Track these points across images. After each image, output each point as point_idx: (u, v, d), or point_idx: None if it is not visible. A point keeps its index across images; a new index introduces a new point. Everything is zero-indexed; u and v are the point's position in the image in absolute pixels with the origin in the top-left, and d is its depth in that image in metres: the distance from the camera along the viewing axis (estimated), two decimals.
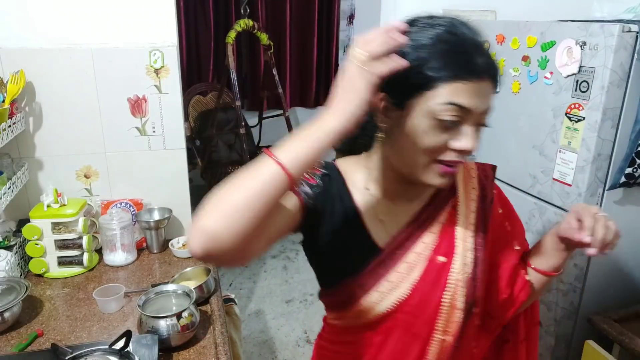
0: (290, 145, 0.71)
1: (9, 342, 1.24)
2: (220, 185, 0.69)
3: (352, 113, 0.69)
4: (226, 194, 0.68)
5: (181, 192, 1.83)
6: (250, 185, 0.67)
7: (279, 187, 0.68)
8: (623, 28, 1.35)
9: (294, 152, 0.70)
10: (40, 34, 1.59)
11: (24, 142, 1.64)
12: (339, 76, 0.72)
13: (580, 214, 0.85)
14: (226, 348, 1.22)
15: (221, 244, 0.65)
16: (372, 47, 0.69)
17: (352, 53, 0.70)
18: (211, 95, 4.23)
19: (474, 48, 0.79)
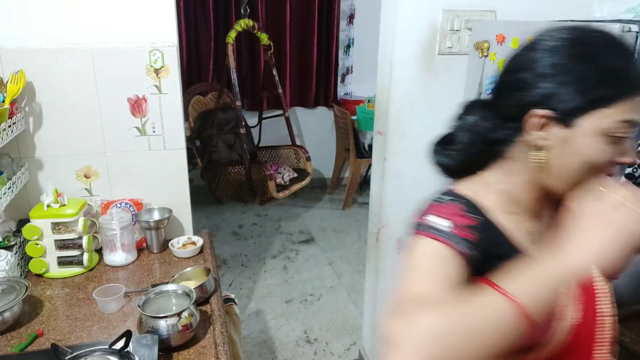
0: (531, 287, 0.63)
1: (9, 342, 1.24)
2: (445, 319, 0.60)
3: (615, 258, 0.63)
4: (459, 341, 0.59)
5: (181, 192, 1.83)
6: (489, 335, 0.60)
7: (517, 334, 0.60)
8: (623, 28, 1.35)
9: (536, 296, 0.62)
10: (40, 34, 1.59)
11: (24, 142, 1.64)
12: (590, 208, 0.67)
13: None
14: (226, 348, 1.22)
15: None
16: None
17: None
18: (211, 96, 4.23)
19: (636, 63, 0.76)
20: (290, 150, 4.29)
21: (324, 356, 2.59)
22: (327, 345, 2.66)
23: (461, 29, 2.04)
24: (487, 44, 1.85)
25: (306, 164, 4.11)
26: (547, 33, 0.79)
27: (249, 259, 3.58)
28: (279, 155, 4.35)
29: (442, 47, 2.06)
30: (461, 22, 2.02)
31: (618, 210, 0.64)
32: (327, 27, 4.62)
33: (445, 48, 2.06)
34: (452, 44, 2.06)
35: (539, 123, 0.76)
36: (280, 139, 4.51)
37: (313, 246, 3.77)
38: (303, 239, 3.89)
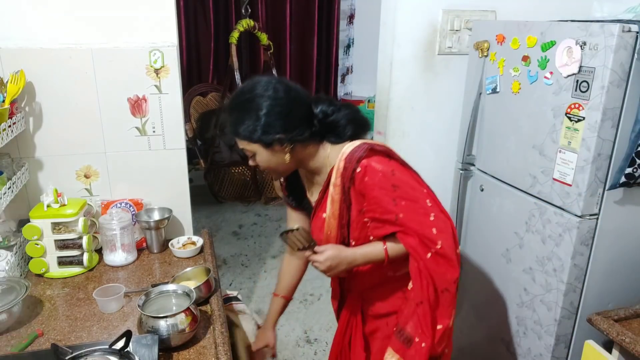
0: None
1: (9, 342, 1.24)
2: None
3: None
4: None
5: (181, 192, 1.83)
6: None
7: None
8: (623, 28, 1.35)
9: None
10: (40, 34, 1.59)
11: (24, 142, 1.64)
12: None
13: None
14: (226, 348, 1.22)
15: None
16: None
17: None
18: (211, 96, 4.23)
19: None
20: None
21: (324, 356, 2.59)
22: (327, 345, 2.66)
23: (461, 29, 2.04)
24: (487, 44, 1.85)
25: None
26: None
27: (249, 259, 3.58)
28: None
29: (442, 47, 2.06)
30: (461, 22, 2.02)
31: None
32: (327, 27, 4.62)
33: (445, 48, 2.06)
34: (452, 44, 2.06)
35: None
36: None
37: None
38: None
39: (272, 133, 1.26)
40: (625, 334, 1.41)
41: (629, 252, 1.63)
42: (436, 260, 1.28)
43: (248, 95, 1.27)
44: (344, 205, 1.32)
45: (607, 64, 1.38)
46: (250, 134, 1.26)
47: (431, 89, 2.10)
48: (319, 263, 1.29)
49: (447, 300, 1.31)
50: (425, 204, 1.29)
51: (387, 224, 1.29)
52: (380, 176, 1.26)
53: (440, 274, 1.29)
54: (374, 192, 1.27)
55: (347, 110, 1.35)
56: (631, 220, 1.59)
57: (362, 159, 1.27)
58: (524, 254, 1.75)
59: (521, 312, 1.79)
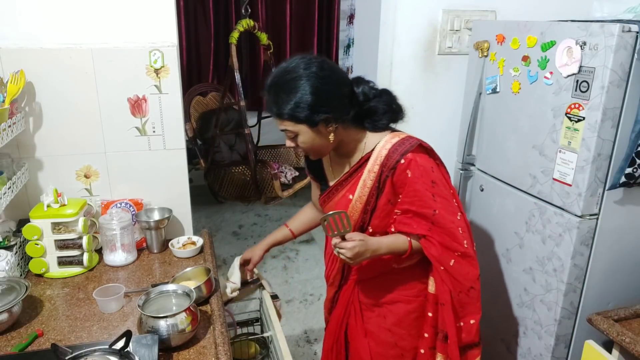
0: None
1: (9, 342, 1.24)
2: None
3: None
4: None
5: (181, 192, 1.83)
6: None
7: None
8: (623, 28, 1.35)
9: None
10: (40, 34, 1.59)
11: (24, 142, 1.64)
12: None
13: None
14: (226, 348, 1.22)
15: None
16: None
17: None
18: (211, 96, 4.22)
19: (265, 92, 1.32)
20: (290, 149, 4.30)
21: None
22: None
23: (461, 29, 2.04)
24: (487, 44, 1.85)
25: None
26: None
27: None
28: (279, 154, 4.35)
29: (442, 47, 2.06)
30: (461, 22, 2.02)
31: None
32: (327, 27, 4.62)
33: (445, 48, 2.06)
34: (452, 44, 2.06)
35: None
36: (279, 138, 4.50)
37: (313, 246, 3.76)
38: (303, 239, 3.88)
39: (320, 112, 1.25)
40: (625, 334, 1.41)
41: (629, 252, 1.63)
42: (459, 263, 1.36)
43: (293, 75, 1.25)
44: (374, 192, 1.35)
45: (607, 64, 1.38)
46: (297, 114, 1.24)
47: (431, 89, 2.10)
48: (347, 250, 1.27)
49: (474, 297, 1.39)
50: (453, 203, 1.36)
51: (422, 218, 1.33)
52: (422, 171, 1.31)
53: (464, 274, 1.37)
54: (416, 186, 1.31)
55: (386, 96, 1.38)
56: (631, 220, 1.59)
57: (408, 152, 1.31)
58: (524, 254, 1.75)
59: (521, 312, 1.80)
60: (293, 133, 1.29)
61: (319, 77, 1.25)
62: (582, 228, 1.54)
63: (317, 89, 1.24)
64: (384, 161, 1.32)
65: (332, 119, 1.28)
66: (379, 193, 1.35)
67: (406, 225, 1.35)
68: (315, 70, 1.25)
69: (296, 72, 1.25)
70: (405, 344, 1.50)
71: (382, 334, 1.51)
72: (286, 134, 1.32)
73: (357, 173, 1.38)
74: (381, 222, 1.38)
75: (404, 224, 1.35)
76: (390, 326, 1.50)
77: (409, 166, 1.30)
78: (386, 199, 1.35)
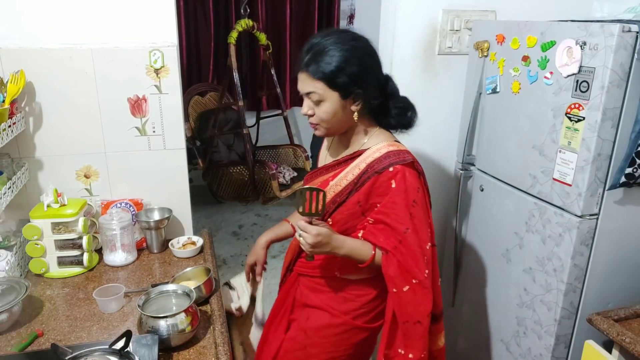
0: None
1: (9, 342, 1.24)
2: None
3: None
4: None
5: (181, 192, 1.83)
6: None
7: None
8: (623, 28, 1.35)
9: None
10: (40, 34, 1.59)
11: (24, 142, 1.64)
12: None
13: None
14: (226, 348, 1.22)
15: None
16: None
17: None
18: (210, 96, 4.23)
19: (303, 50, 1.28)
20: (289, 150, 4.29)
21: None
22: None
23: (461, 29, 2.04)
24: (487, 44, 1.85)
25: (305, 163, 4.10)
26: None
27: None
28: (278, 154, 4.35)
29: (442, 47, 2.06)
30: (461, 22, 2.02)
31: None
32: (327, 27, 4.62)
33: (445, 48, 2.06)
34: (452, 44, 2.06)
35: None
36: (278, 139, 4.51)
37: None
38: None
39: (357, 86, 1.24)
40: (625, 334, 1.41)
41: (629, 252, 1.63)
42: (414, 291, 1.30)
43: (343, 40, 1.24)
44: (350, 187, 1.33)
45: (607, 64, 1.38)
46: (336, 78, 1.22)
47: (431, 89, 2.10)
48: (310, 235, 1.23)
49: (420, 333, 1.32)
50: (427, 231, 1.32)
51: (392, 233, 1.29)
52: (407, 186, 1.28)
53: (415, 305, 1.31)
54: (397, 199, 1.28)
55: (407, 103, 1.39)
56: (631, 220, 1.59)
57: (399, 163, 1.28)
58: (524, 254, 1.75)
59: (521, 312, 1.80)
60: (320, 98, 1.24)
61: (366, 53, 1.25)
62: (582, 228, 1.54)
63: (363, 62, 1.23)
64: (372, 162, 1.30)
65: (362, 98, 1.26)
66: (354, 190, 1.32)
67: (373, 235, 1.32)
68: (363, 45, 1.25)
69: (346, 40, 1.24)
70: (314, 352, 1.46)
71: (297, 332, 1.49)
72: (309, 97, 1.26)
73: (345, 164, 1.36)
74: (342, 219, 1.35)
75: (372, 233, 1.32)
76: (308, 329, 1.47)
77: (395, 177, 1.27)
78: (356, 199, 1.32)
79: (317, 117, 1.28)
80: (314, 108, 1.28)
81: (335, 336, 1.44)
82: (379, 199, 1.30)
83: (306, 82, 1.25)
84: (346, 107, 1.27)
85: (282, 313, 1.58)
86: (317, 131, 1.34)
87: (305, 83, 1.26)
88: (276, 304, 1.62)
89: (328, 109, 1.26)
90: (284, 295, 1.59)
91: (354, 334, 1.45)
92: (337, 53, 1.23)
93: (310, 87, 1.25)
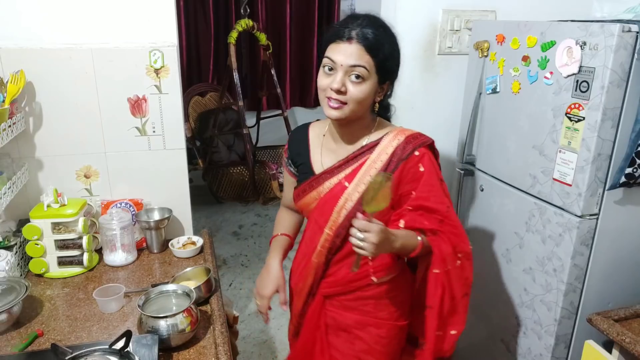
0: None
1: (9, 342, 1.24)
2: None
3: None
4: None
5: (181, 192, 1.83)
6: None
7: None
8: (623, 28, 1.35)
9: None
10: (40, 34, 1.59)
11: (24, 142, 1.64)
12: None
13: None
14: (226, 348, 1.22)
15: None
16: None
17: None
18: (209, 96, 4.23)
19: (348, 21, 1.19)
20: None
21: None
22: None
23: (461, 29, 2.04)
24: (487, 44, 1.85)
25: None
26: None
27: (249, 259, 3.58)
28: (278, 155, 4.35)
29: (442, 47, 2.06)
30: (461, 22, 2.02)
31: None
32: None
33: (445, 48, 2.06)
34: (452, 44, 2.06)
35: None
36: (279, 139, 4.51)
37: None
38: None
39: (393, 76, 1.25)
40: (625, 334, 1.41)
41: (629, 252, 1.63)
42: (463, 265, 1.29)
43: (392, 30, 1.24)
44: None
45: (607, 64, 1.38)
46: (386, 60, 1.18)
47: (431, 89, 2.10)
48: (374, 234, 1.07)
49: (464, 306, 1.32)
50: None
51: (434, 214, 1.24)
52: (434, 167, 1.27)
53: (463, 279, 1.30)
54: (431, 180, 1.25)
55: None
56: (631, 220, 1.59)
57: (422, 146, 1.26)
58: (524, 254, 1.75)
59: (521, 312, 1.80)
60: (364, 76, 1.15)
61: (399, 49, 1.25)
62: (582, 228, 1.54)
63: (399, 55, 1.24)
64: (395, 151, 1.24)
65: (387, 89, 1.25)
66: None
67: (417, 222, 1.24)
68: (397, 40, 1.24)
69: (389, 27, 1.23)
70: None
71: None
72: (352, 70, 1.15)
73: (358, 160, 1.27)
74: (386, 215, 1.26)
75: (415, 220, 1.24)
76: (359, 353, 1.37)
77: (421, 160, 1.24)
78: (393, 191, 1.23)
79: (350, 95, 1.16)
80: (347, 85, 1.16)
81: (387, 346, 1.38)
82: (410, 186, 1.24)
83: (355, 55, 1.14)
84: (375, 94, 1.21)
85: (320, 350, 1.42)
86: (337, 111, 1.19)
87: (353, 55, 1.14)
88: (303, 341, 1.45)
89: (365, 90, 1.17)
90: (312, 327, 1.41)
91: (400, 335, 1.40)
92: (390, 38, 1.19)
93: (360, 60, 1.14)
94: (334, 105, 1.19)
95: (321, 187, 1.31)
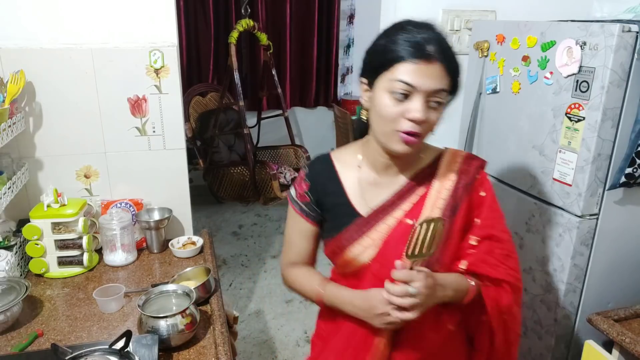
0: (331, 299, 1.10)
1: (9, 342, 1.24)
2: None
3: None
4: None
5: (181, 192, 1.83)
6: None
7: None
8: (623, 28, 1.35)
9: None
10: (40, 34, 1.59)
11: (24, 142, 1.64)
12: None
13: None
14: (226, 348, 1.22)
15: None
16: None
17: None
18: (210, 96, 4.23)
19: (426, 38, 0.97)
20: (290, 150, 4.30)
21: None
22: None
23: (461, 29, 2.04)
24: (487, 44, 1.85)
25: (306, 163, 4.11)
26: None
27: (249, 259, 3.58)
28: (279, 155, 4.35)
29: None
30: (461, 22, 2.02)
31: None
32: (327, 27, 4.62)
33: None
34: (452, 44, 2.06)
35: (363, 88, 1.03)
36: (279, 139, 4.51)
37: None
38: None
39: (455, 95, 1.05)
40: (625, 334, 1.41)
41: (629, 252, 1.63)
42: (519, 307, 1.11)
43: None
44: (447, 214, 1.03)
45: (607, 64, 1.38)
46: (458, 80, 1.02)
47: None
48: (421, 283, 0.92)
49: (516, 347, 1.16)
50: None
51: (498, 245, 1.07)
52: (492, 190, 1.11)
53: (518, 322, 1.12)
54: (494, 205, 1.09)
55: None
56: (631, 220, 1.59)
57: (481, 167, 1.10)
58: (524, 254, 1.75)
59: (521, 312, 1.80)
60: (443, 100, 0.97)
61: None
62: (582, 228, 1.54)
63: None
64: (459, 174, 1.07)
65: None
66: (453, 216, 1.04)
67: (481, 268, 1.05)
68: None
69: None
70: None
71: None
72: (434, 96, 0.95)
73: (415, 191, 1.06)
74: (452, 256, 1.06)
75: (482, 260, 1.05)
76: None
77: (482, 184, 1.08)
78: (462, 223, 1.05)
79: (428, 124, 0.98)
80: (431, 112, 0.96)
81: None
82: (474, 214, 1.07)
83: (438, 77, 0.95)
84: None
85: None
86: (409, 145, 0.98)
87: (436, 78, 0.94)
88: None
89: (441, 117, 0.99)
90: None
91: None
92: (455, 58, 1.01)
93: (442, 83, 0.95)
94: (411, 140, 0.96)
95: (374, 231, 1.05)
